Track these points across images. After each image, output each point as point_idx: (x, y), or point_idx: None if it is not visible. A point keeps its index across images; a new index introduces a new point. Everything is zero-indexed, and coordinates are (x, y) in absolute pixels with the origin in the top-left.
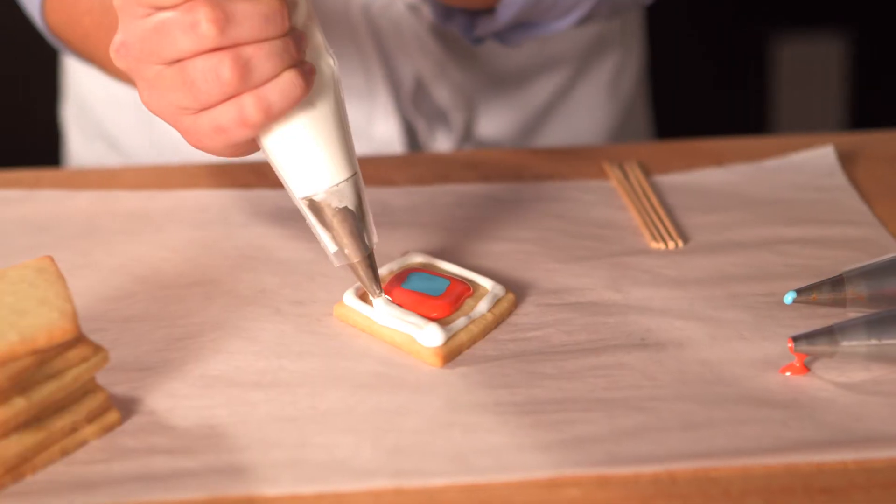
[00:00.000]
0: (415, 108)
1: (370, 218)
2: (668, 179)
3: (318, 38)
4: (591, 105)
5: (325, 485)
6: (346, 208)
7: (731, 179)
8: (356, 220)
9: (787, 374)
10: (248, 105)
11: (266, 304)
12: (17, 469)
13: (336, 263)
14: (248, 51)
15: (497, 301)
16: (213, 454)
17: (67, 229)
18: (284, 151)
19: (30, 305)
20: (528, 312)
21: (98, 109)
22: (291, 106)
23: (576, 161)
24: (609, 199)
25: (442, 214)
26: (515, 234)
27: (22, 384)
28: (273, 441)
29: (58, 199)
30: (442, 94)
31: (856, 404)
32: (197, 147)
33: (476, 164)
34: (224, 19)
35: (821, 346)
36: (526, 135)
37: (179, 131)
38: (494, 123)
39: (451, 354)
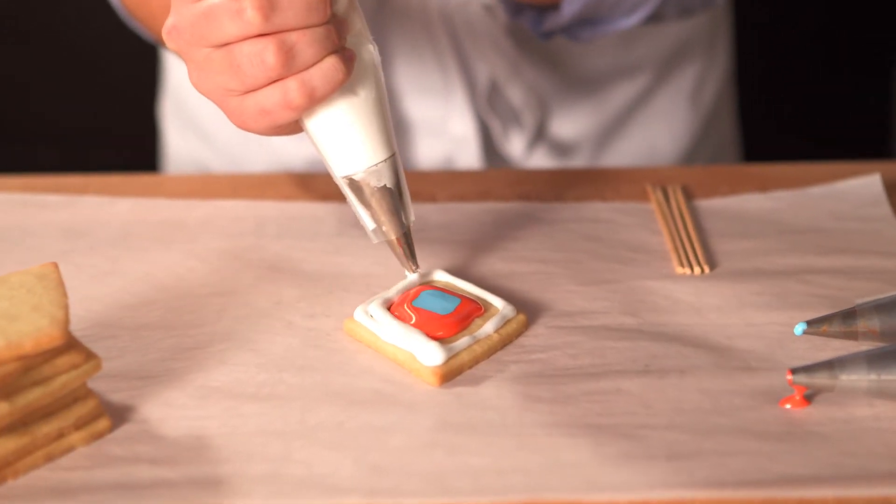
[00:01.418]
0: (490, 108)
1: (407, 197)
2: (709, 204)
3: (359, 25)
4: (671, 113)
5: (298, 500)
6: (384, 187)
7: (771, 206)
8: (394, 198)
9: (787, 406)
10: (292, 89)
11: (279, 317)
12: None
13: (374, 240)
14: (292, 37)
15: (506, 322)
16: (194, 465)
17: (102, 235)
18: (326, 133)
19: (22, 311)
20: (537, 334)
21: (192, 103)
22: (333, 90)
23: (620, 183)
24: (646, 222)
25: (475, 232)
26: (543, 255)
27: (6, 389)
28: (256, 454)
29: (98, 206)
30: (515, 94)
31: (850, 440)
32: (242, 128)
33: (519, 182)
34: (269, 7)
35: (820, 380)
36: (603, 139)
37: (226, 112)
38: (570, 125)
39: (451, 374)
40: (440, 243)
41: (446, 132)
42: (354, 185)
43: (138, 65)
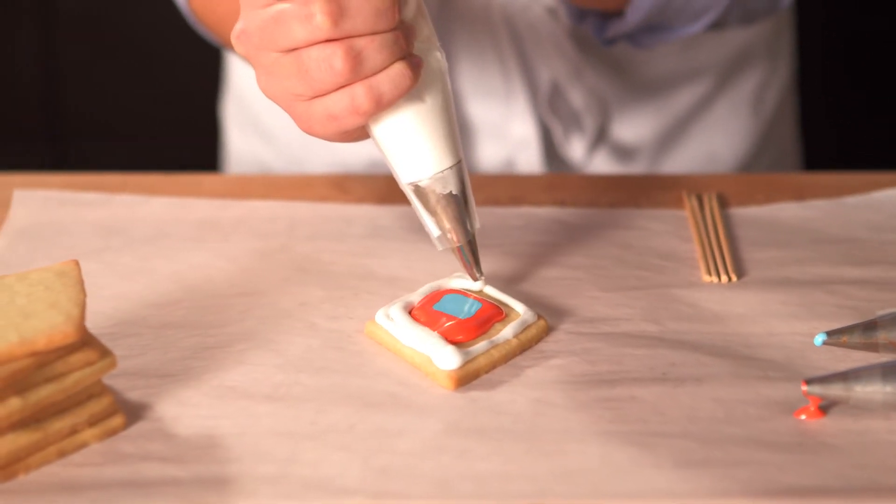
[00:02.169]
0: (551, 111)
1: (473, 204)
2: (744, 212)
3: (426, 31)
4: (732, 119)
5: (303, 501)
6: (449, 193)
7: (806, 215)
8: (459, 205)
9: (802, 417)
10: (360, 94)
11: (302, 318)
12: (10, 468)
13: (439, 247)
14: (361, 42)
15: (525, 327)
16: (203, 464)
17: (136, 234)
18: (392, 139)
19: (39, 308)
20: (558, 340)
21: (255, 104)
22: (401, 96)
23: (656, 190)
24: (678, 229)
25: (505, 236)
26: (572, 261)
27: (19, 385)
28: (265, 454)
29: (134, 204)
30: (577, 98)
31: (862, 452)
32: (309, 133)
33: (555, 187)
34: (338, 12)
35: (834, 391)
36: (663, 143)
37: (293, 117)
38: (631, 129)
39: (467, 378)
40: None
41: (507, 135)
42: (420, 192)
43: (205, 63)
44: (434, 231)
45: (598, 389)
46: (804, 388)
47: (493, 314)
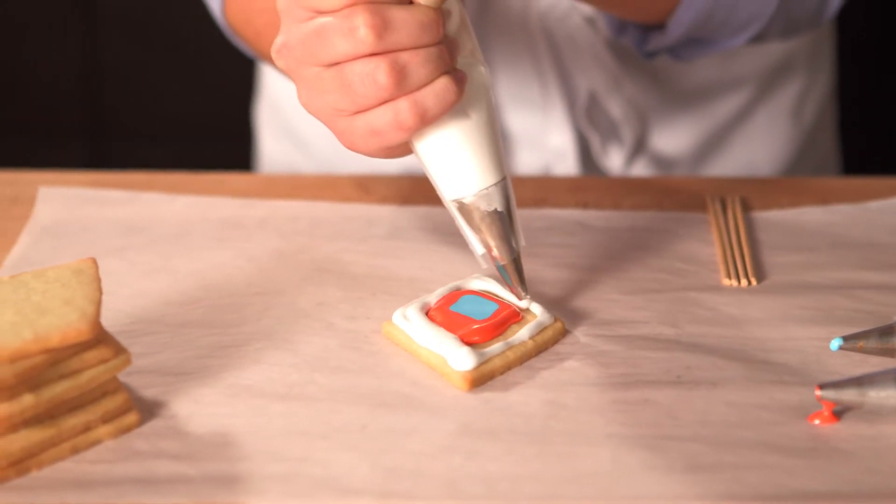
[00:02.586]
0: (588, 121)
1: (518, 222)
2: (767, 216)
3: (470, 46)
4: (772, 129)
5: (311, 500)
6: (494, 211)
7: (829, 219)
8: (504, 223)
9: (816, 422)
10: (404, 109)
11: (320, 318)
12: (23, 463)
13: (483, 265)
14: (405, 57)
15: (542, 329)
16: (214, 462)
17: (159, 232)
18: (436, 155)
19: (54, 305)
20: (574, 342)
21: (289, 110)
22: (445, 111)
23: (680, 193)
24: (700, 232)
25: (528, 238)
26: (592, 263)
27: (33, 381)
28: (276, 453)
29: (158, 203)
30: (615, 108)
31: (874, 458)
32: (350, 148)
33: (579, 189)
34: (382, 26)
35: (848, 396)
36: (703, 154)
37: (335, 132)
38: (670, 140)
39: (481, 379)
40: None
41: (545, 145)
42: (464, 209)
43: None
44: (478, 249)
45: (611, 392)
46: (818, 392)
47: (510, 316)
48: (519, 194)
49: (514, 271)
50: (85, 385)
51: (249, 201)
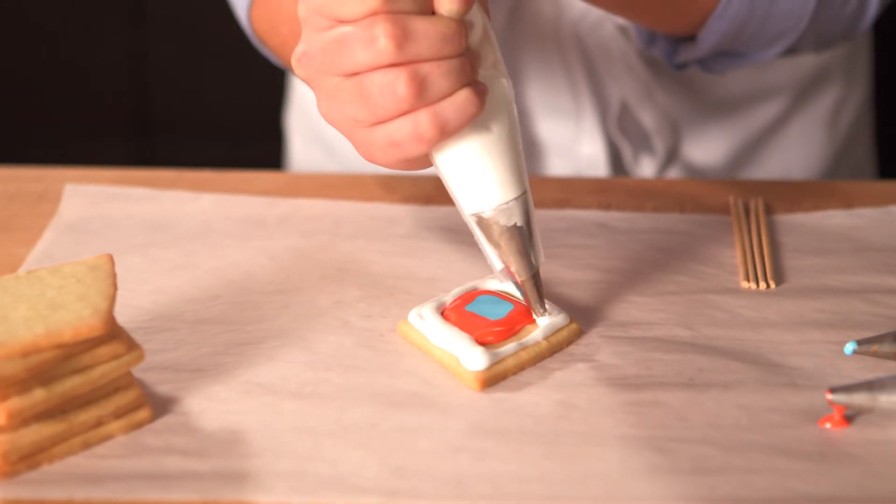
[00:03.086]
0: (620, 131)
1: (538, 237)
2: (790, 219)
3: (492, 58)
4: (808, 138)
5: (317, 498)
6: (514, 226)
7: (852, 223)
8: (524, 238)
9: (827, 426)
10: (424, 121)
11: (337, 316)
12: (33, 457)
13: (502, 281)
14: (425, 68)
15: (556, 330)
16: (223, 459)
17: (182, 230)
18: (456, 168)
19: (68, 301)
20: (588, 343)
21: (317, 116)
22: (466, 124)
23: (703, 195)
24: (721, 235)
25: (548, 239)
26: (611, 264)
27: (44, 376)
28: (286, 451)
29: (182, 200)
30: (647, 118)
31: (883, 462)
32: (369, 160)
33: (602, 191)
34: (402, 36)
35: (858, 400)
36: (736, 164)
37: (353, 144)
38: (703, 150)
39: (493, 379)
40: None
41: (576, 153)
42: (483, 224)
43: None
44: (497, 264)
45: (623, 393)
46: (828, 396)
47: (525, 316)
48: (542, 195)
49: (532, 287)
50: (97, 380)
51: (273, 200)
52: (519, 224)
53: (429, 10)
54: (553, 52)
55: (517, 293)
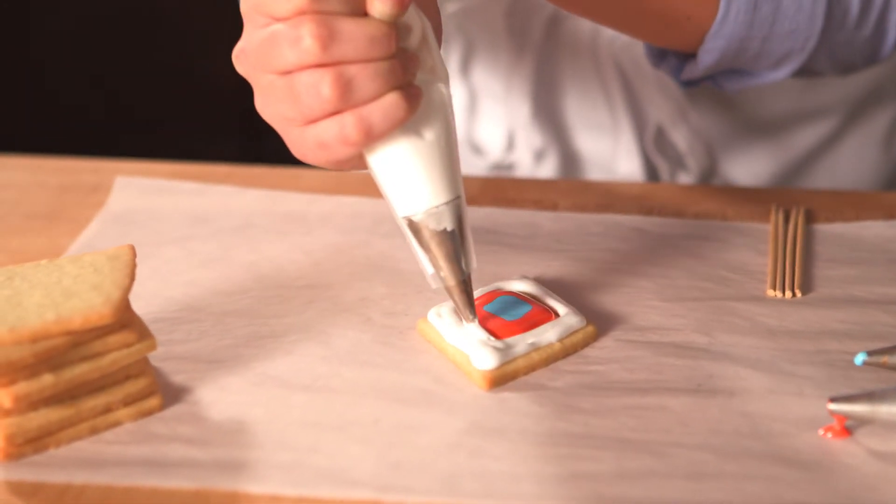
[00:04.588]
0: (657, 150)
1: (470, 243)
2: (829, 228)
3: (431, 62)
4: (860, 158)
5: (311, 490)
6: (444, 231)
7: (890, 234)
8: (455, 243)
9: (828, 435)
10: (349, 124)
11: (360, 313)
12: (40, 441)
13: (433, 285)
14: (352, 70)
15: (571, 332)
16: (224, 449)
17: (224, 224)
18: (387, 170)
19: (82, 289)
20: (604, 346)
21: None
22: (393, 127)
23: (745, 203)
24: (757, 242)
25: (582, 243)
26: (640, 269)
27: (53, 361)
28: (287, 443)
29: (228, 195)
30: (680, 139)
31: (878, 474)
32: (302, 159)
33: (645, 196)
34: (328, 37)
35: (859, 410)
36: (783, 183)
37: (287, 142)
38: (745, 170)
39: (502, 379)
40: (542, 250)
41: (614, 170)
42: (413, 227)
43: None
44: (428, 268)
45: (629, 397)
46: (829, 405)
47: (542, 318)
48: (584, 199)
49: (461, 293)
50: (106, 368)
51: (315, 196)
52: (449, 229)
53: (361, 12)
54: (590, 68)
55: (538, 294)
